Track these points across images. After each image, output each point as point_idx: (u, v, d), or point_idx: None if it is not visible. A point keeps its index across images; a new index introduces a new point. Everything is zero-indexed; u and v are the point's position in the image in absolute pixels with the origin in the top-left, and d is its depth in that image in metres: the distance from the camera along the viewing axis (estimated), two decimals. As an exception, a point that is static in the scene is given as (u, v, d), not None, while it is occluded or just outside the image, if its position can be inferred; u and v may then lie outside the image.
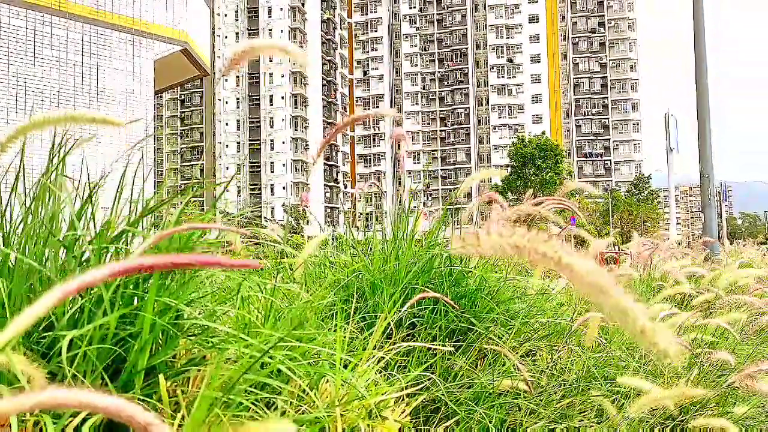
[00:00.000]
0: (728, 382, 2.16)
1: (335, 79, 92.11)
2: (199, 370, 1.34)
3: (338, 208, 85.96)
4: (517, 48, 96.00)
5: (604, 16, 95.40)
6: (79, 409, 0.45)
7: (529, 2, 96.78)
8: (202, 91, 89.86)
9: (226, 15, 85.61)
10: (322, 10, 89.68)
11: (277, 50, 1.05)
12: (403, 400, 1.69)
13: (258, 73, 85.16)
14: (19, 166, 1.44)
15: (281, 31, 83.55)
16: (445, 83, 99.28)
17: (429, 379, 1.86)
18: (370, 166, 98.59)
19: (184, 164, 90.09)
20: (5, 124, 7.48)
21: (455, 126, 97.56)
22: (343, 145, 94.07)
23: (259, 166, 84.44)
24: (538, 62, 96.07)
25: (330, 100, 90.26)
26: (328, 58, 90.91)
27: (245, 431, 0.43)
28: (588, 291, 0.54)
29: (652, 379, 2.37)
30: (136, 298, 1.32)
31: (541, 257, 0.55)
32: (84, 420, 1.09)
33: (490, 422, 1.87)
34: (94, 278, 0.50)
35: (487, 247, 0.56)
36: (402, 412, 1.65)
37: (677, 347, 0.55)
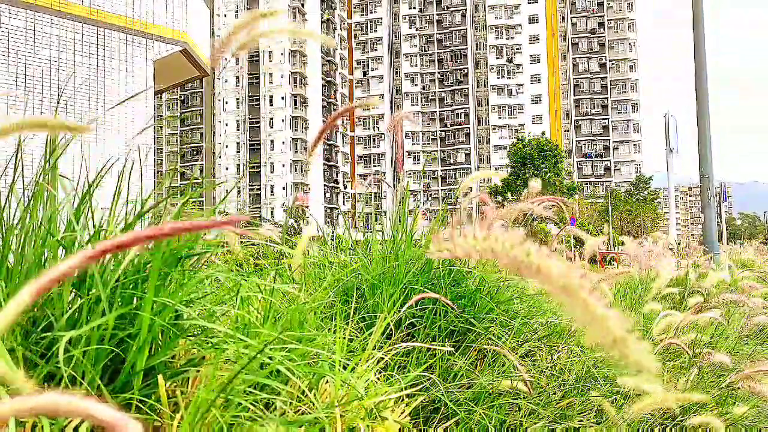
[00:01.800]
0: (727, 382, 2.16)
1: (335, 79, 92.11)
2: (198, 371, 1.34)
3: (338, 208, 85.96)
4: (517, 48, 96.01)
5: (603, 16, 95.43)
6: (72, 416, 0.45)
7: (528, 3, 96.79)
8: (202, 92, 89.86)
9: (225, 15, 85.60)
10: (321, 10, 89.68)
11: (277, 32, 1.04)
12: (402, 400, 1.69)
13: (258, 74, 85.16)
14: (15, 166, 1.44)
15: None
16: (445, 84, 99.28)
17: (429, 380, 1.86)
18: (370, 167, 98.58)
19: (183, 164, 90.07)
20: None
21: (455, 126, 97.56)
22: (343, 146, 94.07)
23: (259, 167, 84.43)
24: (538, 63, 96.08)
25: (330, 100, 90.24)
26: (328, 58, 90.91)
27: None
28: (560, 296, 0.52)
29: (652, 379, 2.37)
30: (135, 298, 1.32)
31: (512, 261, 0.53)
32: (82, 420, 1.09)
33: (490, 422, 1.87)
34: (94, 253, 0.50)
35: (461, 251, 0.55)
36: (402, 413, 1.65)
37: (651, 360, 0.52)
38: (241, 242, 2.24)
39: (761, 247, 10.49)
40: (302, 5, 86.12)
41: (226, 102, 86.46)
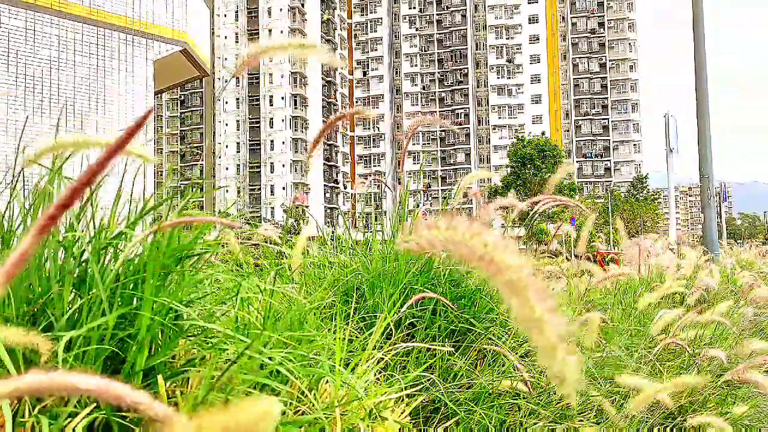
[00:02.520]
0: (723, 379, 2.16)
1: (335, 79, 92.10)
2: (198, 371, 1.34)
3: (338, 208, 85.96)
4: (517, 48, 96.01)
5: (603, 16, 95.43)
6: (63, 393, 0.45)
7: (528, 3, 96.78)
8: (201, 92, 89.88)
9: (225, 15, 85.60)
10: (321, 10, 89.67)
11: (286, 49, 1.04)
12: (402, 400, 1.69)
13: (258, 74, 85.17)
14: (18, 167, 1.44)
15: (281, 31, 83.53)
16: (445, 84, 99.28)
17: (429, 380, 1.86)
18: (370, 167, 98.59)
19: (183, 165, 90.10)
20: (5, 123, 7.48)
21: (455, 126, 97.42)
22: (343, 146, 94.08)
23: (259, 167, 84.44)
24: (538, 63, 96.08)
25: (330, 100, 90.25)
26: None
27: (232, 410, 0.43)
28: (505, 291, 0.51)
29: (651, 379, 2.37)
30: (135, 298, 1.32)
31: (469, 251, 0.52)
32: (82, 420, 1.09)
33: (490, 422, 1.87)
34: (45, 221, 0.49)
35: (425, 241, 0.53)
36: (402, 413, 1.65)
37: (577, 374, 0.49)
38: (241, 242, 2.24)
39: (761, 248, 10.48)
40: (302, 5, 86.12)
41: (226, 102, 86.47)
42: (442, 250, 0.54)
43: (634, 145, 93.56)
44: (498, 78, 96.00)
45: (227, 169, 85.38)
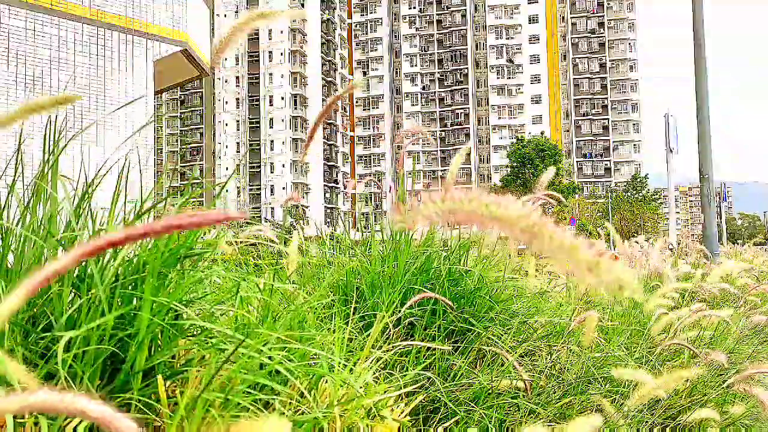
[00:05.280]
0: (727, 383, 2.16)
1: (335, 79, 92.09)
2: (198, 371, 1.34)
3: (338, 208, 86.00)
4: (517, 48, 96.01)
5: (603, 16, 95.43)
6: (68, 414, 0.45)
7: (528, 3, 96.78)
8: (201, 92, 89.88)
9: (225, 15, 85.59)
10: (321, 10, 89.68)
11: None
12: (402, 399, 1.69)
13: (258, 74, 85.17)
14: (16, 165, 1.44)
15: (281, 32, 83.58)
16: (445, 84, 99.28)
17: (428, 379, 1.86)
18: (370, 167, 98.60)
19: (183, 165, 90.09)
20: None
21: (455, 126, 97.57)
22: (343, 146, 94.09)
23: (259, 167, 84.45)
24: (538, 63, 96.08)
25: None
26: (328, 58, 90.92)
27: (240, 430, 0.43)
28: (525, 238, 0.52)
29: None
30: (134, 298, 1.32)
31: (470, 214, 0.53)
32: (82, 420, 1.09)
33: (490, 422, 1.87)
34: (88, 249, 0.50)
35: (422, 217, 0.54)
36: (401, 412, 1.65)
37: (631, 276, 0.51)
38: (240, 242, 2.23)
39: (758, 251, 10.51)
40: (302, 5, 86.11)
41: (226, 102, 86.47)
42: (442, 222, 0.54)
43: (634, 145, 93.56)
44: (498, 78, 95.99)
45: (227, 169, 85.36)
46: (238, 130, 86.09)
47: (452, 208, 0.53)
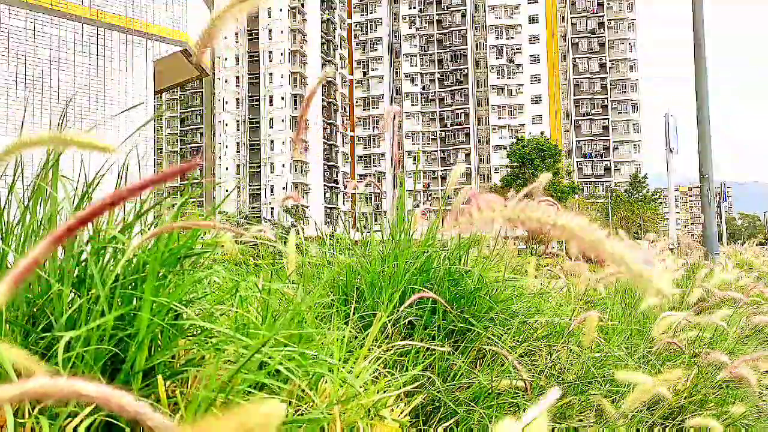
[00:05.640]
0: (720, 377, 2.16)
1: (335, 79, 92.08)
2: (198, 371, 1.34)
3: (338, 208, 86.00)
4: (517, 48, 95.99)
5: (603, 16, 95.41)
6: (67, 397, 0.45)
7: (528, 3, 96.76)
8: (201, 92, 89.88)
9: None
10: (321, 10, 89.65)
11: None
12: (402, 399, 1.69)
13: (258, 74, 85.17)
14: (15, 165, 1.44)
15: (281, 31, 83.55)
16: (445, 84, 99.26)
17: (428, 379, 1.86)
18: (370, 167, 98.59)
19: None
20: (5, 123, 7.48)
21: (455, 127, 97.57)
22: (343, 146, 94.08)
23: (259, 167, 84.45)
24: (538, 63, 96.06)
25: (330, 100, 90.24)
26: (328, 58, 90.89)
27: (236, 414, 0.43)
28: (586, 246, 0.58)
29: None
30: (134, 298, 1.32)
31: (536, 222, 0.59)
32: (82, 421, 1.09)
33: (489, 422, 1.87)
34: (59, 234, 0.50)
35: (480, 222, 0.58)
36: (401, 412, 1.65)
37: (669, 282, 0.57)
38: (239, 242, 2.23)
39: (759, 251, 10.52)
40: (302, 5, 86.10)
41: (226, 102, 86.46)
42: (502, 225, 0.59)
43: (634, 145, 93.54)
44: (498, 78, 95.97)
45: (227, 169, 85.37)
46: (238, 130, 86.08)
47: (514, 216, 0.58)
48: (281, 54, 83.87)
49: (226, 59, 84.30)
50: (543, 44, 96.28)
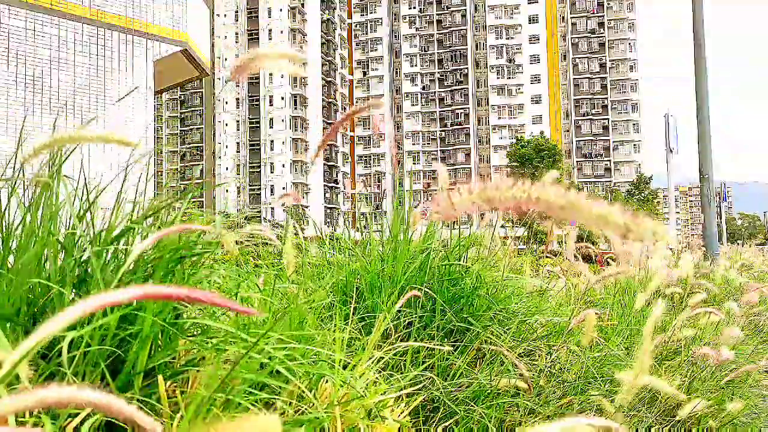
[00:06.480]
0: (726, 379, 2.16)
1: (335, 79, 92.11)
2: (198, 371, 1.34)
3: (338, 208, 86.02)
4: (517, 48, 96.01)
5: (603, 16, 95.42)
6: (76, 407, 0.46)
7: (528, 3, 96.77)
8: (201, 92, 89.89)
9: (225, 15, 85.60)
10: (321, 10, 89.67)
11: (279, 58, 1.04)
12: (402, 399, 1.69)
13: (258, 74, 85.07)
14: (17, 166, 1.44)
15: (281, 32, 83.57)
16: (445, 84, 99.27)
17: (428, 379, 1.86)
18: (370, 167, 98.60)
19: (184, 165, 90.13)
20: (5, 123, 7.48)
21: (455, 127, 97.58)
22: (343, 146, 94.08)
23: (259, 167, 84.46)
24: (538, 63, 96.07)
25: (330, 100, 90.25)
26: (328, 58, 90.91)
27: (231, 427, 0.43)
28: (565, 214, 0.57)
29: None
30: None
31: (510, 199, 0.58)
32: (83, 421, 1.09)
33: (489, 421, 1.88)
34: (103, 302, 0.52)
35: (460, 207, 0.58)
36: (401, 412, 1.65)
37: (664, 227, 0.56)
38: (240, 242, 2.24)
39: (759, 251, 10.53)
40: (302, 5, 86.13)
41: (226, 102, 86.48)
42: (481, 210, 0.58)
43: (634, 145, 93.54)
44: (498, 78, 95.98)
45: (227, 169, 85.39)
46: (238, 130, 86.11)
47: (490, 197, 0.57)
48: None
49: (226, 59, 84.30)
50: (543, 44, 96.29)
